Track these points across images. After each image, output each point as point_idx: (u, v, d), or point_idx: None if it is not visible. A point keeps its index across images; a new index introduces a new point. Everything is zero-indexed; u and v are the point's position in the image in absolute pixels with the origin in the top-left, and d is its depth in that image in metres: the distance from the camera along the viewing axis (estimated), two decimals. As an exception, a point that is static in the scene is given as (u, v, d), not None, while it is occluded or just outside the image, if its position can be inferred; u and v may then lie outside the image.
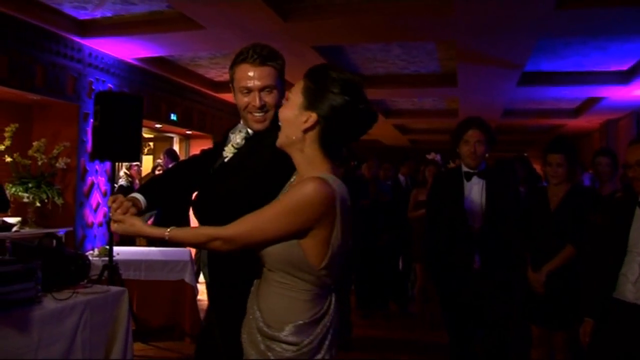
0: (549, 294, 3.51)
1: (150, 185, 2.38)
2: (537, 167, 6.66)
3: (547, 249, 3.56)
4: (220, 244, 1.75)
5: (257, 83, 2.13)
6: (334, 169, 1.78)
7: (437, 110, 11.99)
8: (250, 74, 2.13)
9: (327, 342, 1.75)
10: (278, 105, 2.15)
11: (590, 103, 10.09)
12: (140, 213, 2.07)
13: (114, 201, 1.99)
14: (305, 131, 1.76)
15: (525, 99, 10.06)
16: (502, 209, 3.47)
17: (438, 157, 7.44)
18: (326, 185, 1.68)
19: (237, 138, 2.28)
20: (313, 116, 1.74)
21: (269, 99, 2.15)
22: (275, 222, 1.69)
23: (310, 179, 1.70)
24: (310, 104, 1.75)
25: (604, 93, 9.00)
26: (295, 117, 1.77)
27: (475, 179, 3.55)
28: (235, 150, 2.26)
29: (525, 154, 11.40)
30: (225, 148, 2.30)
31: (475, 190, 3.53)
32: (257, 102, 2.14)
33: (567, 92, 9.21)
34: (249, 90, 2.14)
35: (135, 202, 2.07)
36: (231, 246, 1.75)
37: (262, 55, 2.15)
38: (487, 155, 3.63)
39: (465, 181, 3.57)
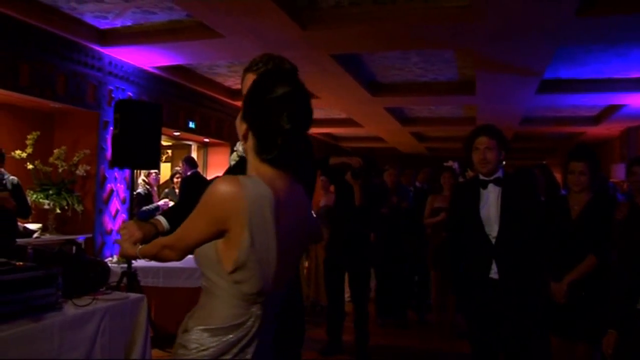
0: (571, 304, 3.46)
1: (174, 208, 2.46)
2: (557, 176, 6.59)
3: (568, 259, 3.51)
4: (168, 251, 1.76)
5: None
6: (275, 175, 1.71)
7: (455, 118, 11.94)
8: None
9: (227, 357, 1.65)
10: None
11: (611, 110, 9.98)
12: (162, 234, 2.14)
13: (123, 228, 2.05)
14: (244, 139, 1.75)
15: (544, 107, 9.98)
16: (519, 217, 3.39)
17: (456, 165, 7.39)
18: (234, 185, 1.62)
19: (239, 146, 2.29)
20: (244, 125, 1.73)
21: None
22: (193, 223, 1.68)
23: (219, 179, 1.67)
24: (244, 113, 1.74)
25: (624, 100, 8.90)
26: (238, 126, 1.78)
27: (491, 187, 3.48)
28: (238, 158, 2.29)
29: (544, 162, 11.31)
30: (231, 156, 2.33)
31: (491, 198, 3.46)
32: None
33: (587, 100, 9.13)
34: None
35: (157, 224, 2.14)
36: (176, 252, 1.74)
37: (266, 64, 2.13)
38: (504, 162, 3.57)
39: (481, 189, 3.51)
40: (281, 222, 1.69)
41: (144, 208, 7.25)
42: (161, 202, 7.66)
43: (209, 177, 8.15)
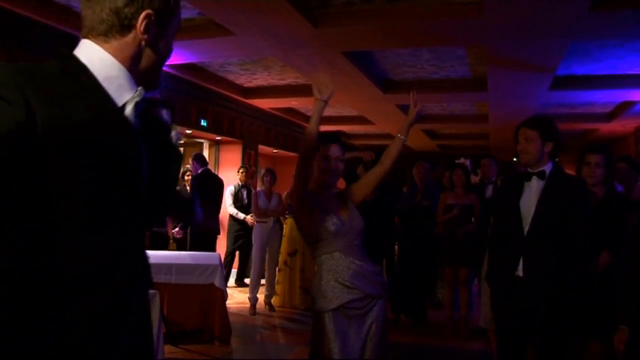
0: (584, 302, 3.42)
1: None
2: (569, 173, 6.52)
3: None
4: None
5: None
6: None
7: (467, 116, 11.89)
8: None
9: None
10: None
11: (625, 107, 9.88)
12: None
13: None
14: None
15: (557, 103, 9.90)
16: (556, 215, 3.14)
17: (467, 162, 7.37)
18: None
19: None
20: None
21: None
22: None
23: None
24: None
25: (639, 97, 8.80)
26: None
27: (534, 180, 3.27)
28: None
29: (557, 159, 11.18)
30: None
31: (532, 191, 3.25)
32: None
33: (601, 96, 9.04)
34: None
35: None
36: None
37: None
38: (553, 155, 3.34)
39: (525, 182, 3.30)
40: None
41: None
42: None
43: (221, 175, 8.16)
